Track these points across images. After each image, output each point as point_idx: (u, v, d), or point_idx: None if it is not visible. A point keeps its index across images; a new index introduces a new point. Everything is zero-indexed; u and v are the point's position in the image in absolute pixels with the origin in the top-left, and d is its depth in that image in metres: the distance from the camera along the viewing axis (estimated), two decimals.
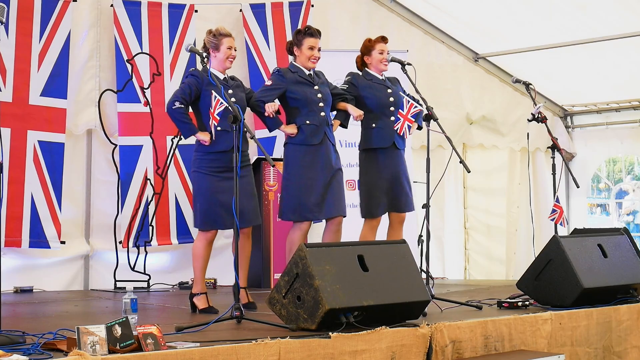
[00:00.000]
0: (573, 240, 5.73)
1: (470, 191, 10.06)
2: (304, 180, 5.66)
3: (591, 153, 10.68)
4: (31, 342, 3.70)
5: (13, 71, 7.04)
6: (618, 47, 8.92)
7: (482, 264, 10.04)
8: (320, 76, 5.88)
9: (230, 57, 5.54)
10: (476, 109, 9.91)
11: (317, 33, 5.79)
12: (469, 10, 9.01)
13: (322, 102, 5.76)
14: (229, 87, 5.53)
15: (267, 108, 5.56)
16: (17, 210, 7.01)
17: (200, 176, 5.46)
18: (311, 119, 5.71)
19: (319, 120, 5.73)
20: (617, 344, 5.39)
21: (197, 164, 5.49)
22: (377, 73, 6.12)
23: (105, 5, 7.68)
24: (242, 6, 8.19)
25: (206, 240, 5.52)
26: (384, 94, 6.05)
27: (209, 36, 5.55)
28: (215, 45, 5.51)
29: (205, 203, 5.43)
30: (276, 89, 5.72)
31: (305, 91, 5.73)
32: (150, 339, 3.52)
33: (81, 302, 6.53)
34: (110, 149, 7.65)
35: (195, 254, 5.55)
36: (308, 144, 5.69)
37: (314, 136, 5.70)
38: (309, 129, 5.70)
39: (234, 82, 5.66)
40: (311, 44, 5.75)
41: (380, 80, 6.11)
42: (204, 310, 5.38)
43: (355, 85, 6.06)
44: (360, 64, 6.20)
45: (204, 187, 5.43)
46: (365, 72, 6.15)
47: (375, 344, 4.12)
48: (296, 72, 5.77)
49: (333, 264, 4.31)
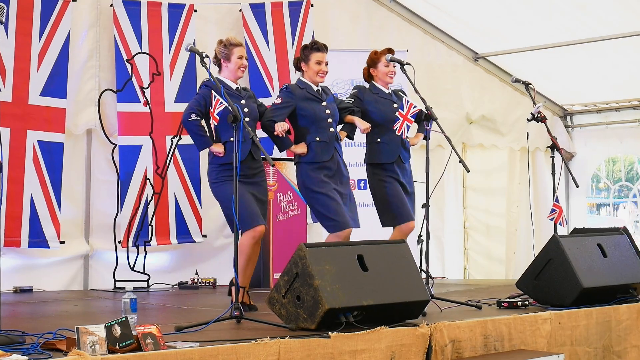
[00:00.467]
0: (573, 240, 5.73)
1: (469, 191, 10.07)
2: (326, 191, 5.64)
3: (591, 153, 10.69)
4: (31, 342, 3.70)
5: (13, 71, 7.04)
6: (618, 47, 8.92)
7: (481, 263, 10.05)
8: (327, 92, 5.88)
9: (241, 67, 5.56)
10: (476, 108, 9.92)
11: (324, 47, 5.78)
12: (468, 10, 9.01)
13: (330, 118, 5.76)
14: (241, 97, 5.55)
15: (277, 128, 5.54)
16: (17, 210, 7.01)
17: (222, 186, 5.44)
18: (321, 135, 5.71)
19: (328, 137, 5.72)
20: (616, 344, 5.39)
21: (215, 176, 5.49)
22: (383, 86, 6.10)
23: (105, 5, 7.68)
24: (241, 6, 8.18)
25: (252, 237, 5.43)
26: (389, 109, 6.01)
27: (220, 46, 5.57)
28: (226, 55, 5.53)
29: (241, 204, 5.31)
30: (286, 107, 5.70)
31: (314, 108, 5.73)
32: (150, 338, 3.52)
33: (81, 302, 6.53)
34: (109, 148, 7.65)
35: (241, 250, 5.42)
36: (319, 161, 5.69)
37: (324, 153, 5.70)
38: (319, 146, 5.69)
39: (246, 92, 5.69)
40: (318, 58, 5.74)
41: (387, 95, 6.08)
42: None
43: (361, 99, 6.04)
44: (367, 76, 6.18)
45: (229, 192, 5.25)
46: (372, 86, 6.13)
47: (375, 343, 4.12)
48: (304, 88, 5.76)
49: (333, 263, 4.31)
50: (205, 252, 7.98)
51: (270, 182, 7.75)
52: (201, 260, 7.92)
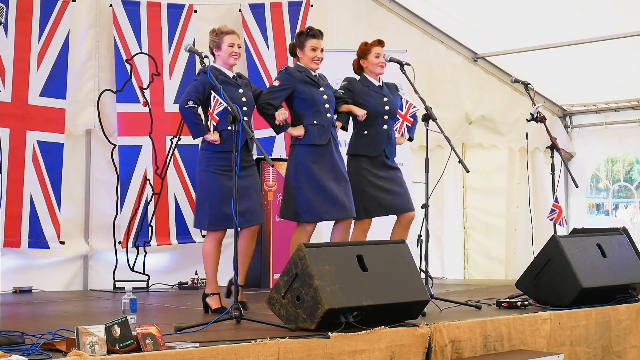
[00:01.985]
0: (572, 240, 5.73)
1: (469, 191, 10.07)
2: (315, 181, 5.60)
3: (590, 153, 10.70)
4: (30, 343, 3.70)
5: (12, 71, 7.04)
6: (617, 47, 8.93)
7: (481, 263, 10.05)
8: (323, 78, 5.86)
9: (233, 54, 5.47)
10: (475, 108, 9.92)
11: (319, 34, 5.75)
12: (468, 10, 9.01)
13: (327, 104, 5.74)
14: (239, 86, 5.51)
15: (277, 117, 5.54)
16: (16, 211, 7.01)
17: (210, 175, 5.39)
18: (318, 119, 5.67)
19: (325, 121, 5.69)
20: (616, 344, 5.39)
21: (206, 163, 5.42)
22: (373, 78, 6.06)
23: (104, 5, 7.68)
24: (241, 6, 8.18)
25: (216, 240, 5.51)
26: (379, 102, 5.99)
27: (212, 35, 5.54)
28: (217, 43, 5.49)
29: (215, 202, 5.36)
30: (284, 89, 5.67)
31: (313, 91, 5.70)
32: (150, 339, 3.52)
33: (80, 303, 6.53)
34: (109, 149, 7.64)
35: (205, 254, 5.54)
36: (315, 145, 5.65)
37: (321, 137, 5.66)
38: (315, 129, 5.66)
39: (243, 80, 5.64)
40: (314, 45, 5.71)
41: (377, 88, 6.03)
42: (217, 310, 5.32)
43: (352, 90, 6.01)
44: (357, 67, 6.14)
45: (214, 186, 5.36)
46: (362, 78, 6.09)
47: (375, 343, 4.12)
48: (303, 72, 5.73)
49: (332, 263, 4.31)
50: None
51: (270, 183, 7.74)
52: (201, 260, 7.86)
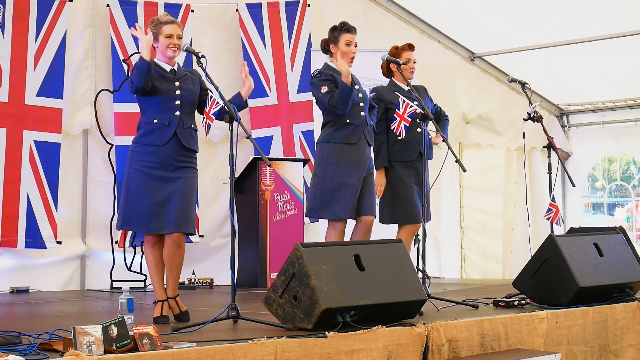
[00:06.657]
0: (569, 239, 5.73)
1: (466, 190, 10.08)
2: (337, 178, 5.53)
3: (587, 152, 10.71)
4: (27, 343, 3.69)
5: (9, 71, 7.04)
6: (614, 47, 8.94)
7: (478, 263, 10.06)
8: (354, 77, 5.65)
9: (171, 46, 4.93)
10: (472, 108, 9.93)
11: (353, 29, 5.64)
12: (464, 9, 9.02)
13: (362, 102, 5.66)
14: (175, 79, 4.98)
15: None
16: (13, 210, 7.00)
17: (130, 171, 4.92)
18: (351, 118, 5.58)
19: (358, 120, 5.62)
20: (613, 343, 5.40)
21: (130, 157, 4.94)
22: (402, 83, 6.01)
23: (101, 5, 7.67)
24: (238, 6, 8.18)
25: (149, 243, 5.01)
26: None
27: (150, 26, 5.00)
28: (155, 35, 4.95)
29: (127, 201, 4.90)
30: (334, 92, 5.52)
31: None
32: (147, 339, 3.52)
33: (77, 302, 6.52)
34: (106, 148, 7.64)
35: (146, 261, 5.16)
36: (345, 143, 5.58)
37: (352, 135, 5.59)
38: (348, 128, 5.59)
39: (186, 74, 5.07)
40: (348, 39, 5.59)
41: (405, 92, 5.91)
42: (155, 320, 4.83)
43: (382, 100, 5.95)
44: (385, 70, 6.08)
45: (131, 184, 4.91)
46: (391, 83, 6.05)
47: (372, 343, 4.12)
48: (338, 73, 5.56)
49: (329, 263, 4.31)
50: (202, 252, 7.97)
51: (267, 182, 7.75)
52: (198, 260, 7.90)
